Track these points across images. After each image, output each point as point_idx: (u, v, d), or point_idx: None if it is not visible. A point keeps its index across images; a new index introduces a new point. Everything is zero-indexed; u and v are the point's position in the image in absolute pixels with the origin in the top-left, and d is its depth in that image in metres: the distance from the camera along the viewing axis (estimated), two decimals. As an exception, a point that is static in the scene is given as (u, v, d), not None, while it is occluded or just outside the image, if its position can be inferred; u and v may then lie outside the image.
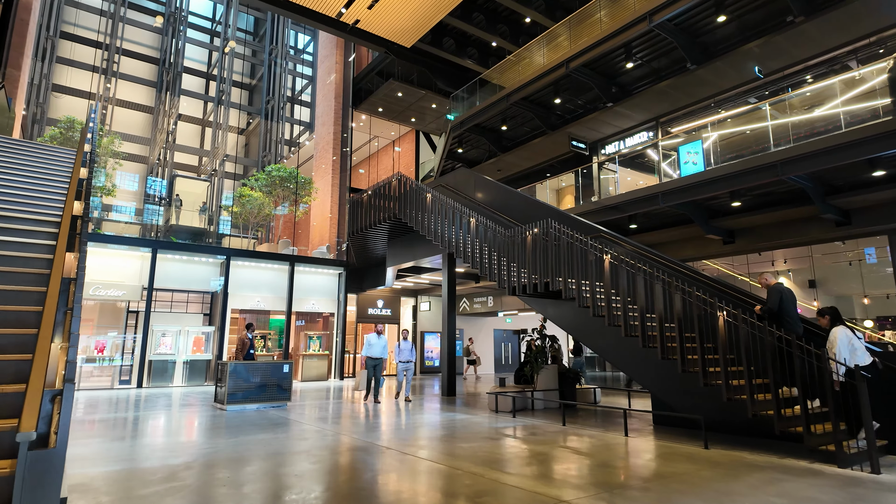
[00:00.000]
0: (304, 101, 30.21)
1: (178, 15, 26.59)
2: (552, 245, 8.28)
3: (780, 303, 6.45)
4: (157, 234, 21.21)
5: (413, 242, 14.19)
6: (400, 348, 11.28)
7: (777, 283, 6.68)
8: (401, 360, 11.21)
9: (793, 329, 6.22)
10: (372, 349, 10.95)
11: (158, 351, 15.29)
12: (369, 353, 10.97)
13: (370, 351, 10.97)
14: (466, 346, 18.54)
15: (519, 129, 17.34)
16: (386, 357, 11.17)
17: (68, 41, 24.44)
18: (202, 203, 23.73)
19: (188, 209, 22.72)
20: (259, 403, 9.97)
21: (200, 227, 22.33)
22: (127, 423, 7.89)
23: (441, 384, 12.68)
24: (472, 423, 8.05)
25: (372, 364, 10.87)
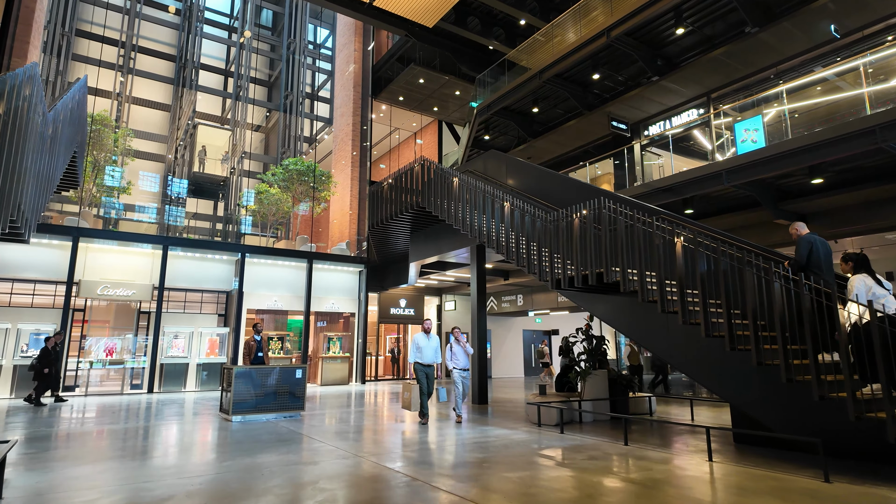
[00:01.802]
0: (324, 98, 29.35)
1: (195, 11, 25.97)
2: (606, 229, 6.95)
3: (809, 255, 5.68)
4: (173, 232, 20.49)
5: (438, 235, 12.98)
6: (452, 351, 8.87)
7: (808, 234, 5.87)
8: (455, 366, 8.80)
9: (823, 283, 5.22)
10: (422, 353, 8.56)
11: (170, 354, 14.44)
12: (419, 357, 8.55)
13: (420, 355, 8.55)
14: (541, 349, 17.25)
15: (552, 111, 15.96)
16: (440, 361, 8.83)
17: (84, 39, 23.99)
18: (224, 153, 23.14)
19: (212, 157, 22.33)
20: (268, 413, 8.88)
21: (222, 176, 22.11)
22: (114, 438, 6.85)
23: (473, 391, 11.41)
24: (515, 441, 6.77)
25: (424, 372, 8.49)
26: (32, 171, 4.15)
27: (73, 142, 6.68)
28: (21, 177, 3.54)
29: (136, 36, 25.02)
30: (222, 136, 24.27)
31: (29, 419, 8.63)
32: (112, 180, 17.24)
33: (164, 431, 7.59)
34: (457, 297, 21.15)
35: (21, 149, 3.41)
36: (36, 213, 4.76)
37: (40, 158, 4.42)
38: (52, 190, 5.52)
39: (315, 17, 29.29)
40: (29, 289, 13.19)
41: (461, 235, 11.84)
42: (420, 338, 8.71)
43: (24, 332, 12.48)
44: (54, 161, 5.35)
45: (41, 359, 10.88)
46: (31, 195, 4.29)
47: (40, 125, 4.22)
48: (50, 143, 4.97)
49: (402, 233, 14.30)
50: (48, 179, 5.08)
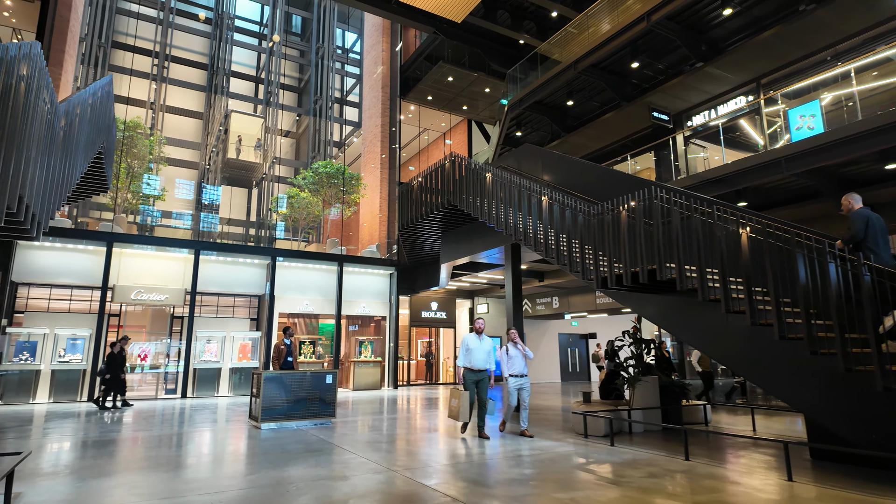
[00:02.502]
0: (352, 102, 29.33)
1: (225, 19, 26.30)
2: (659, 222, 6.34)
3: (865, 231, 5.14)
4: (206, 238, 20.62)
5: (469, 234, 12.51)
6: (508, 355, 7.70)
7: (863, 207, 5.34)
8: (512, 372, 7.64)
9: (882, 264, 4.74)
10: (472, 357, 7.43)
11: (203, 358, 14.38)
12: (469, 362, 7.44)
13: (470, 359, 7.44)
14: (595, 352, 16.60)
15: (587, 104, 15.30)
16: (493, 367, 7.58)
17: (120, 50, 24.55)
18: (257, 140, 23.54)
19: (246, 144, 22.62)
20: (298, 421, 8.54)
21: (255, 162, 22.47)
22: (141, 447, 6.61)
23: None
24: (562, 455, 6.22)
25: (473, 379, 7.43)
26: (39, 162, 3.91)
27: (95, 142, 6.51)
28: (22, 165, 3.28)
29: (169, 46, 25.48)
30: (255, 124, 24.69)
31: (65, 424, 8.54)
32: (148, 188, 17.44)
33: (192, 440, 7.33)
34: (489, 300, 20.61)
35: (20, 133, 3.15)
36: (47, 211, 4.53)
37: (51, 152, 4.19)
38: (70, 189, 5.31)
39: (343, 22, 29.33)
40: (66, 294, 13.32)
41: (494, 234, 11.33)
42: (471, 339, 7.52)
43: (62, 337, 12.57)
44: (71, 159, 5.14)
45: (109, 363, 11.01)
46: (40, 190, 4.05)
47: (48, 114, 3.99)
48: (64, 137, 4.75)
49: (433, 233, 13.88)
50: (63, 177, 4.86)
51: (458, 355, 7.51)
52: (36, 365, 12.08)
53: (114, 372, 11.02)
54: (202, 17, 24.50)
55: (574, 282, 16.54)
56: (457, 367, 7.53)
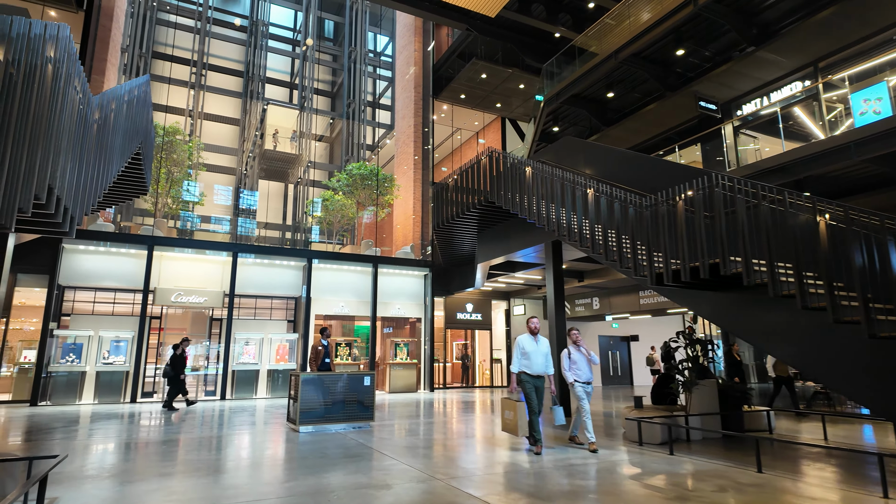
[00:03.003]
0: (384, 105, 29.37)
1: (259, 26, 26.72)
2: (720, 213, 5.83)
3: None
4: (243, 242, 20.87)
5: (506, 233, 12.12)
6: (571, 359, 6.92)
7: None
8: (577, 378, 6.82)
9: None
10: (530, 360, 6.58)
11: (241, 360, 14.44)
12: (527, 366, 6.60)
13: (527, 363, 6.60)
14: (650, 355, 15.99)
15: (628, 96, 14.69)
16: (551, 372, 6.71)
17: (159, 60, 25.22)
18: (293, 131, 23.92)
19: (283, 136, 23.03)
20: (337, 424, 8.34)
21: (292, 153, 22.86)
22: (179, 451, 6.50)
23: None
24: (617, 464, 5.77)
25: (532, 385, 6.55)
26: (71, 154, 3.79)
27: (133, 141, 6.47)
28: (51, 154, 3.15)
29: (206, 54, 26.04)
30: (290, 116, 25.17)
31: (108, 426, 8.59)
32: (188, 194, 17.75)
33: (230, 443, 7.20)
34: (526, 301, 20.11)
35: (48, 120, 3.01)
36: (82, 206, 4.43)
37: (84, 144, 4.08)
38: (106, 187, 5.25)
39: (374, 25, 29.43)
40: (110, 297, 13.59)
41: (533, 232, 10.92)
42: (526, 341, 6.68)
43: (106, 339, 12.80)
44: (106, 155, 5.07)
45: (173, 365, 11.21)
46: (73, 183, 3.94)
47: (80, 104, 3.88)
48: (98, 131, 4.66)
49: (468, 233, 13.56)
50: (98, 173, 4.78)
51: (512, 359, 6.74)
52: (81, 366, 12.32)
53: (178, 373, 11.27)
54: (237, 23, 24.94)
55: (616, 281, 15.92)
56: (511, 372, 6.85)
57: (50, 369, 11.99)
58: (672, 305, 15.80)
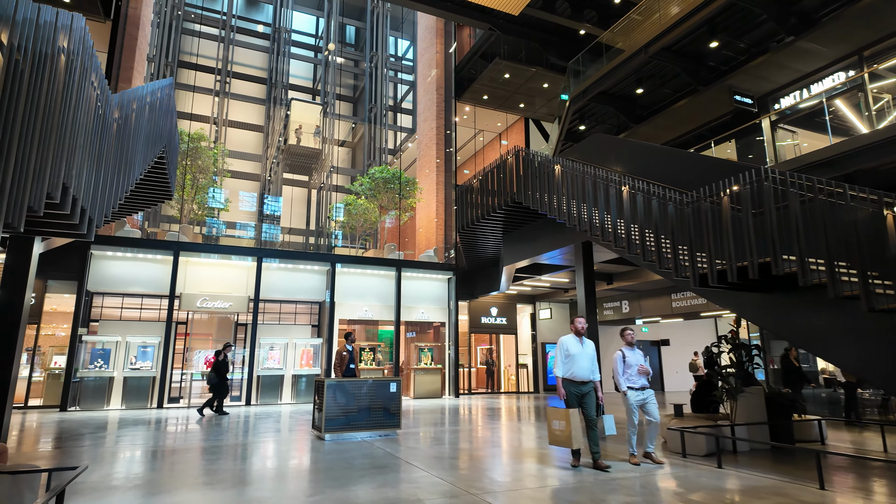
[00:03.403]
0: (406, 109, 29.33)
1: (282, 33, 26.95)
2: (771, 208, 5.43)
3: None
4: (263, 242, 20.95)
5: (533, 234, 11.79)
6: (625, 363, 6.22)
7: None
8: (631, 384, 6.17)
9: None
10: (574, 364, 5.88)
11: (266, 365, 14.37)
12: (571, 371, 5.89)
13: (572, 367, 5.89)
14: (693, 361, 15.46)
15: (657, 92, 14.22)
16: (598, 378, 6.01)
17: (184, 69, 25.62)
18: (316, 126, 24.14)
19: (306, 132, 23.21)
20: (363, 431, 8.12)
21: (315, 148, 23.17)
22: (203, 459, 6.35)
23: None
24: (664, 478, 5.39)
25: (577, 392, 5.87)
26: (88, 152, 3.66)
27: (156, 144, 6.39)
28: (66, 151, 3.00)
29: (230, 62, 26.36)
30: (314, 112, 25.44)
31: (135, 432, 8.54)
32: (213, 201, 17.88)
33: (255, 451, 7.03)
34: (552, 305, 19.69)
35: (62, 114, 2.87)
36: (101, 208, 4.30)
37: (102, 143, 3.96)
38: (128, 189, 5.14)
39: (395, 30, 29.45)
40: (137, 303, 13.68)
41: (561, 233, 10.56)
42: (570, 343, 5.96)
43: (133, 344, 12.87)
44: (127, 156, 4.96)
45: (217, 370, 11.23)
46: (90, 184, 3.81)
47: (98, 101, 3.75)
48: (118, 131, 4.55)
49: (493, 235, 13.26)
50: (119, 175, 4.66)
51: (556, 364, 6.04)
52: (109, 372, 12.39)
53: (222, 378, 11.28)
54: (260, 29, 25.28)
55: (646, 284, 15.41)
56: (558, 377, 5.96)
57: (79, 375, 12.08)
58: (706, 308, 15.22)
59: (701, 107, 13.40)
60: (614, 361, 6.35)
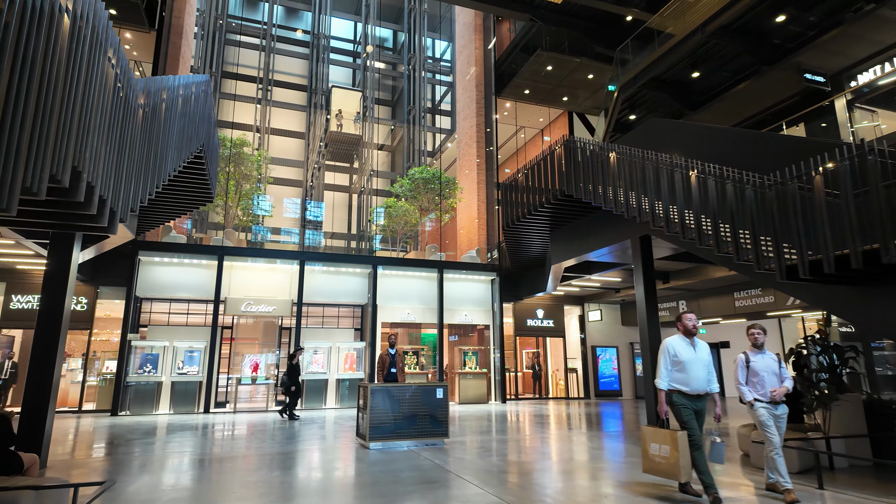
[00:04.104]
0: (444, 111, 29.04)
1: (321, 39, 27.17)
2: (877, 188, 4.65)
3: None
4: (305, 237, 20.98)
5: (584, 230, 11.09)
6: (749, 369, 5.00)
7: None
8: (760, 397, 4.92)
9: None
10: (687, 373, 4.72)
11: (310, 370, 14.22)
12: (682, 381, 4.73)
13: (683, 377, 4.73)
14: None
15: (715, 76, 13.25)
16: (716, 389, 4.87)
17: (226, 79, 26.16)
18: (356, 113, 24.50)
19: (346, 117, 23.64)
20: (409, 440, 7.68)
21: (356, 134, 23.62)
22: (244, 469, 6.05)
23: (648, 418, 9.25)
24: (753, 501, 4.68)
25: (692, 407, 4.71)
26: (108, 136, 3.39)
27: (191, 140, 6.19)
28: (72, 128, 2.72)
29: (272, 71, 26.75)
30: (354, 98, 25.63)
31: (183, 437, 8.42)
32: (258, 208, 18.02)
33: (299, 461, 6.69)
34: (603, 307, 18.80)
35: (65, 84, 2.58)
36: (125, 199, 4.04)
37: (125, 129, 3.70)
38: (158, 183, 4.90)
39: (432, 31, 29.24)
40: (184, 308, 13.79)
41: (616, 228, 9.84)
42: (679, 345, 4.79)
43: (180, 349, 12.94)
44: (157, 148, 4.73)
45: (291, 374, 11.25)
46: (110, 171, 3.54)
47: (118, 80, 3.49)
48: (145, 119, 4.31)
49: (540, 232, 12.62)
50: (148, 167, 4.42)
51: (658, 371, 4.86)
52: (157, 377, 12.48)
53: (296, 382, 11.29)
54: (299, 32, 25.59)
55: (707, 282, 14.38)
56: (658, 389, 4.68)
57: (128, 379, 12.21)
58: (774, 308, 14.06)
59: (764, 89, 12.36)
60: (736, 368, 5.08)
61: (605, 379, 18.46)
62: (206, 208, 16.61)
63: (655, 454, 4.74)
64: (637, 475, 5.63)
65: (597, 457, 6.96)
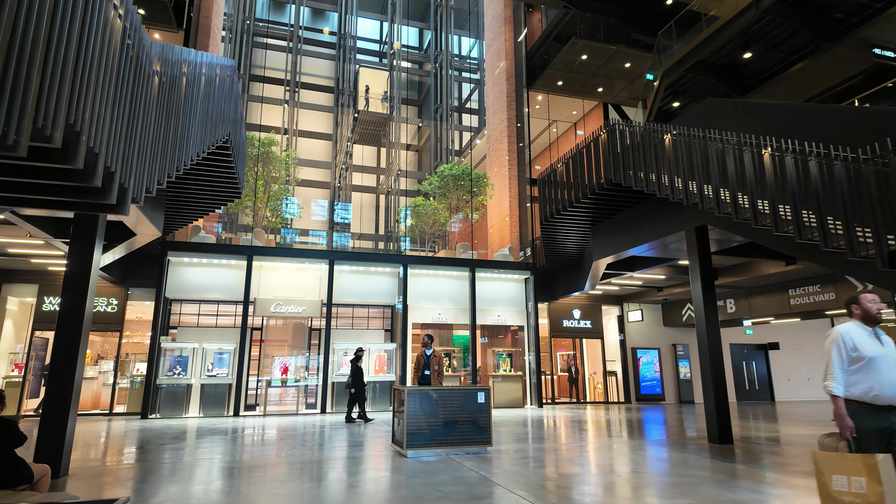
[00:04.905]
0: (472, 109, 28.54)
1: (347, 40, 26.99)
2: None
3: None
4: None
5: (631, 222, 10.37)
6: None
7: None
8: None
9: None
10: (873, 375, 3.22)
11: (341, 372, 13.83)
12: (867, 387, 3.22)
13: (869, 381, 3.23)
14: None
15: (768, 57, 12.34)
16: None
17: (255, 82, 26.18)
18: (384, 92, 24.52)
19: (373, 97, 23.70)
20: (448, 448, 7.13)
21: (383, 114, 23.55)
22: (272, 479, 5.59)
23: (708, 425, 8.48)
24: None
25: (879, 422, 3.21)
26: (112, 96, 2.98)
27: (216, 125, 5.80)
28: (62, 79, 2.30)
29: (299, 73, 26.68)
30: (381, 78, 25.47)
31: (213, 442, 8.06)
32: (286, 211, 17.83)
33: (331, 472, 6.20)
34: (644, 306, 17.92)
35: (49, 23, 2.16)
36: (137, 174, 3.63)
37: (137, 95, 3.30)
38: (178, 164, 4.50)
39: (459, 28, 28.80)
40: (213, 309, 13.57)
41: (666, 219, 9.10)
42: (860, 336, 3.32)
43: (209, 351, 12.70)
44: (177, 124, 4.34)
45: (356, 377, 11.01)
46: (118, 138, 3.13)
47: (128, 38, 3.09)
48: (161, 89, 3.91)
49: (580, 226, 11.94)
50: (165, 142, 4.02)
51: (829, 373, 3.31)
52: (187, 379, 12.25)
53: (360, 385, 10.98)
54: (326, 31, 25.51)
55: (759, 279, 13.43)
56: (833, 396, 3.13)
57: (158, 382, 12.01)
58: (835, 305, 13.00)
59: (825, 68, 11.42)
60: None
61: (647, 382, 17.56)
62: (235, 208, 16.45)
63: (843, 490, 3.16)
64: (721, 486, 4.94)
65: (677, 472, 6.27)
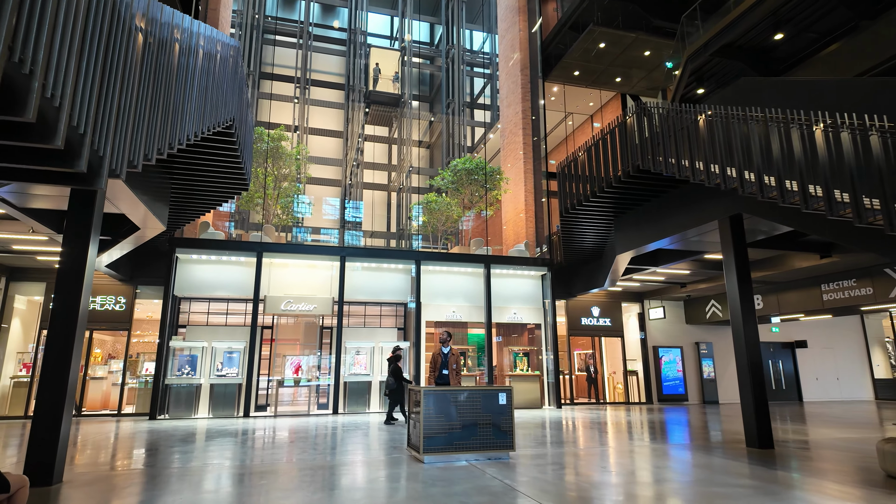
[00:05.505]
0: (485, 105, 28.05)
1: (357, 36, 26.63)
2: None
3: None
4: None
5: (657, 213, 9.82)
6: None
7: None
8: None
9: None
10: None
11: (353, 371, 13.46)
12: None
13: None
14: None
15: (800, 38, 11.69)
16: None
17: (265, 80, 25.93)
18: (395, 73, 24.41)
19: (384, 77, 23.61)
20: (468, 453, 6.66)
21: (394, 93, 23.57)
22: (282, 488, 5.17)
23: (746, 428, 7.92)
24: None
25: None
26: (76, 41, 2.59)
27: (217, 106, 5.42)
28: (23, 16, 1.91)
29: (309, 70, 26.38)
30: (392, 57, 25.16)
31: (223, 445, 7.69)
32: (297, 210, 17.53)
33: (342, 479, 5.78)
34: (666, 303, 17.31)
35: None
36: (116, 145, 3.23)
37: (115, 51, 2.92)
38: (172, 140, 4.11)
39: (470, 22, 28.34)
40: (222, 308, 13.26)
41: (698, 207, 8.56)
42: None
43: (219, 350, 12.38)
44: (167, 93, 3.96)
45: (396, 376, 10.62)
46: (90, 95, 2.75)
47: None
48: (148, 51, 3.54)
49: (602, 218, 11.41)
50: (153, 110, 3.64)
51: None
52: (196, 379, 11.94)
53: (400, 385, 10.60)
54: (336, 25, 25.17)
55: (789, 273, 12.78)
56: None
57: (167, 382, 11.71)
58: (872, 300, 12.30)
59: (861, 49, 10.74)
60: None
61: (669, 382, 16.95)
62: (245, 206, 16.13)
63: None
64: None
65: (722, 482, 5.76)
